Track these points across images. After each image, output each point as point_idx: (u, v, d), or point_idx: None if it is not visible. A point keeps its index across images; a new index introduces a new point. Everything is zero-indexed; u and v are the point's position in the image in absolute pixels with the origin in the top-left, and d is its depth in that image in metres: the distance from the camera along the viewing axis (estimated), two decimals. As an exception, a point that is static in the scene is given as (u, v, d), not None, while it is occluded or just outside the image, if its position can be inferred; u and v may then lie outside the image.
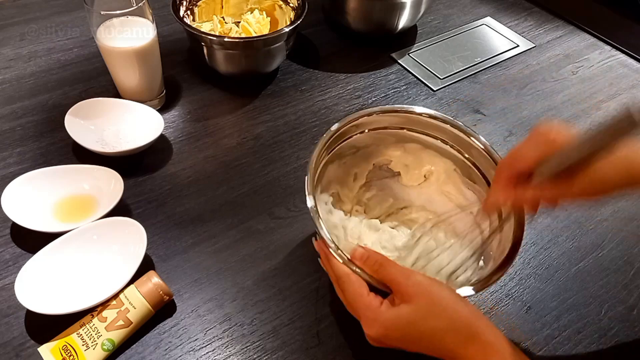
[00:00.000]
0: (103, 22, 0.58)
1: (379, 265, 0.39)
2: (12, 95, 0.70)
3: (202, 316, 0.49)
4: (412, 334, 0.36)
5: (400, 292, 0.37)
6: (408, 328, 0.36)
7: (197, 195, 0.60)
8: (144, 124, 0.62)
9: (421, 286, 0.37)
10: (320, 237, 0.41)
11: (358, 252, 0.40)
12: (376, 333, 0.37)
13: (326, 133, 0.48)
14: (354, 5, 0.78)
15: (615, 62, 0.84)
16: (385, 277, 0.38)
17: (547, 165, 0.38)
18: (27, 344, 0.46)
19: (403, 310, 0.36)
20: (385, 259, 0.39)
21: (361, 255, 0.40)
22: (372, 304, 0.38)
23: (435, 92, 0.76)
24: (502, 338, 0.36)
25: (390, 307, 0.37)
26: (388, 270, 0.38)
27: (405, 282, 0.37)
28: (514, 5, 0.96)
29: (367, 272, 0.39)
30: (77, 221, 0.52)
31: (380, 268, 0.39)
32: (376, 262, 0.39)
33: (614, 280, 0.54)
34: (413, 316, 0.36)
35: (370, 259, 0.39)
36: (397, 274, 0.38)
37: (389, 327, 0.37)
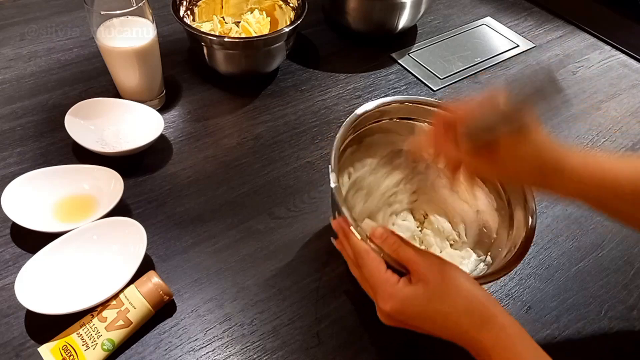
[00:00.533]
0: (103, 22, 0.58)
1: (397, 245, 0.39)
2: (12, 95, 0.70)
3: (202, 316, 0.49)
4: (428, 312, 0.37)
5: (418, 272, 0.38)
6: (424, 306, 0.37)
7: (197, 195, 0.60)
8: (144, 124, 0.62)
9: (438, 267, 0.38)
10: (342, 214, 0.41)
11: (378, 232, 0.41)
12: (391, 308, 0.38)
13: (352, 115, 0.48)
14: (354, 5, 0.78)
15: (615, 62, 0.84)
16: (403, 257, 0.39)
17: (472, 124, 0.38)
18: (27, 344, 0.46)
19: (420, 288, 0.37)
20: (403, 240, 0.40)
21: (381, 234, 0.40)
22: (390, 280, 0.38)
23: (435, 92, 0.76)
24: (516, 324, 0.37)
25: (408, 284, 0.38)
26: (406, 251, 0.39)
27: (422, 263, 0.38)
28: (514, 5, 0.96)
29: (385, 251, 0.40)
30: (77, 221, 0.52)
31: (399, 248, 0.39)
32: (395, 242, 0.40)
33: (614, 280, 0.54)
34: (430, 294, 0.37)
35: (390, 239, 0.40)
36: (415, 255, 0.38)
37: (405, 303, 0.37)
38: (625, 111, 0.75)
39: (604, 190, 0.38)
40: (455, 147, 0.40)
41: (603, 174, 0.38)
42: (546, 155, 0.38)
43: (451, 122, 0.41)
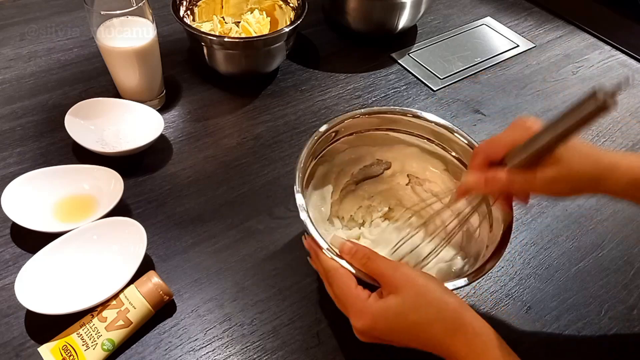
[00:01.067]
0: (103, 22, 0.59)
1: (367, 258, 0.39)
2: (12, 95, 0.70)
3: (202, 316, 0.49)
4: (400, 325, 0.37)
5: (388, 285, 0.38)
6: (396, 319, 0.37)
7: (197, 195, 0.60)
8: (144, 124, 0.62)
9: (408, 278, 0.37)
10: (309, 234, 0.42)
11: (346, 247, 0.41)
12: (363, 325, 0.38)
13: (315, 133, 0.48)
14: (354, 5, 0.78)
15: (615, 62, 0.84)
16: (373, 270, 0.39)
17: (517, 151, 0.38)
18: (27, 344, 0.46)
19: (391, 301, 0.37)
20: (373, 253, 0.40)
21: (349, 249, 0.40)
22: (360, 296, 0.38)
23: (435, 92, 0.76)
24: (489, 329, 0.37)
25: (378, 299, 0.38)
26: (376, 264, 0.39)
27: (392, 274, 0.38)
28: (514, 5, 0.96)
29: (355, 265, 0.39)
30: (77, 221, 0.52)
31: (368, 261, 0.39)
32: (364, 255, 0.39)
33: (614, 280, 0.54)
34: (401, 307, 0.36)
35: (359, 253, 0.40)
36: (385, 267, 0.38)
37: (376, 318, 0.37)
38: (625, 111, 0.75)
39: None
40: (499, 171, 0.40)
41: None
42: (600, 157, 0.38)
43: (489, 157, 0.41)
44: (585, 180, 0.38)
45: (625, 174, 0.38)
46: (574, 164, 0.38)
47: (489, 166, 0.41)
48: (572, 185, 0.39)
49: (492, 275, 0.54)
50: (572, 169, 0.38)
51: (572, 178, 0.38)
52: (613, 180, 0.38)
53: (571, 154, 0.37)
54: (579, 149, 0.38)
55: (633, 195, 0.39)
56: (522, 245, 0.57)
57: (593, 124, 0.34)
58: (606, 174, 0.38)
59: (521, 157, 0.38)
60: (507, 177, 0.39)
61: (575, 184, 0.39)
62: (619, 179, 0.38)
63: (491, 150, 0.41)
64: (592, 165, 0.38)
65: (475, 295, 0.52)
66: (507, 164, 0.40)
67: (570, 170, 0.38)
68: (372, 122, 0.52)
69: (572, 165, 0.38)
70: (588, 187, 0.39)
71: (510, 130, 0.40)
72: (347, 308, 0.39)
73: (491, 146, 0.41)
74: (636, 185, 0.38)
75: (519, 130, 0.39)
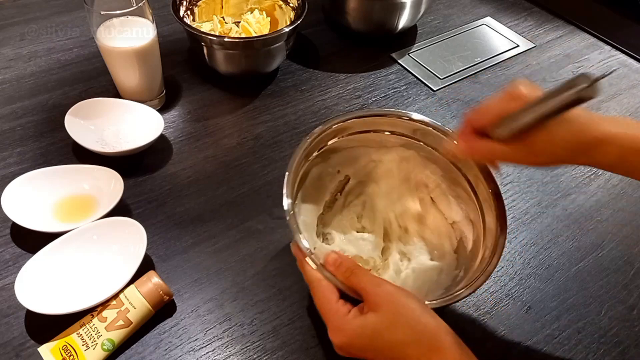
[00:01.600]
0: (103, 22, 0.59)
1: (350, 272, 0.38)
2: (12, 95, 0.70)
3: (202, 316, 0.49)
4: (376, 345, 0.36)
5: (369, 301, 0.37)
6: (371, 338, 0.36)
7: (197, 195, 0.60)
8: (144, 124, 0.62)
9: (389, 295, 0.37)
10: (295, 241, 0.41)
11: (331, 258, 0.40)
12: (340, 341, 0.37)
13: (308, 135, 0.47)
14: (354, 5, 0.78)
15: (615, 62, 0.84)
16: (355, 284, 0.38)
17: (504, 122, 0.39)
18: (27, 344, 0.46)
19: (369, 319, 0.36)
20: (357, 267, 0.39)
21: (334, 261, 0.40)
22: (339, 311, 0.38)
23: (435, 92, 0.76)
24: (467, 354, 0.36)
25: (358, 316, 0.37)
26: (359, 278, 0.38)
27: (373, 291, 0.37)
28: (514, 5, 0.96)
29: (338, 278, 0.39)
30: (77, 221, 0.52)
31: (351, 275, 0.38)
32: (348, 269, 0.39)
33: (614, 280, 0.54)
34: (378, 326, 0.36)
35: (342, 266, 0.39)
36: (367, 283, 0.37)
37: (352, 336, 0.36)
38: (625, 111, 0.75)
39: None
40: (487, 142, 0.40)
41: None
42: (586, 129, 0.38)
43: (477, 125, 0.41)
44: (568, 151, 0.38)
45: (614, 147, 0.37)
46: (558, 137, 0.37)
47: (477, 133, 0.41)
48: (554, 156, 0.39)
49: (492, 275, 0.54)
50: (555, 142, 0.38)
51: (554, 149, 0.38)
52: (600, 153, 0.38)
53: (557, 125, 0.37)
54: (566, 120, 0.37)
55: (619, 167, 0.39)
56: (522, 245, 0.57)
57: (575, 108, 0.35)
58: (593, 147, 0.38)
59: (505, 130, 0.39)
60: (491, 148, 0.40)
61: (557, 155, 0.39)
62: (608, 151, 0.38)
63: (480, 119, 0.41)
64: (577, 137, 0.38)
65: (475, 296, 0.52)
66: (493, 134, 0.40)
67: (553, 143, 0.38)
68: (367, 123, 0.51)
69: (556, 138, 0.37)
70: (572, 159, 0.39)
71: (502, 98, 0.39)
72: (327, 322, 0.38)
73: (480, 115, 0.41)
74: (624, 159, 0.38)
75: (509, 100, 0.39)
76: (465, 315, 0.51)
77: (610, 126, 0.38)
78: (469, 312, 0.51)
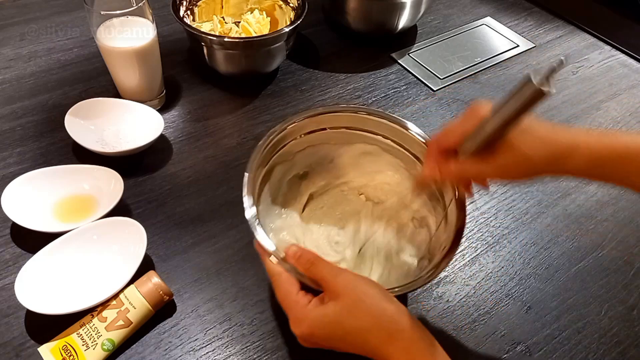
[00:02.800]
0: (103, 22, 0.59)
1: (310, 263, 0.39)
2: (12, 95, 0.70)
3: (202, 316, 0.49)
4: (337, 333, 0.37)
5: (329, 290, 0.37)
6: (333, 327, 0.36)
7: (197, 195, 0.60)
8: (144, 124, 0.62)
9: (348, 284, 0.37)
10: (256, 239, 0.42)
11: (291, 250, 0.41)
12: (302, 332, 0.38)
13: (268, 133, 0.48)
14: (354, 5, 0.78)
15: (615, 62, 0.84)
16: (315, 275, 0.39)
17: (469, 140, 0.39)
18: (27, 344, 0.46)
19: (329, 308, 0.37)
20: (317, 258, 0.40)
21: (294, 253, 0.40)
22: (299, 302, 0.38)
23: (435, 92, 0.76)
24: (428, 336, 0.37)
25: (318, 306, 0.37)
26: (319, 269, 0.39)
27: (333, 280, 0.37)
28: (514, 5, 0.96)
29: (299, 270, 0.39)
30: (77, 221, 0.52)
31: (311, 266, 0.39)
32: (308, 260, 0.39)
33: (614, 280, 0.54)
34: (338, 314, 0.36)
35: (303, 258, 0.40)
36: (326, 272, 0.38)
37: (314, 325, 0.37)
38: (625, 111, 0.75)
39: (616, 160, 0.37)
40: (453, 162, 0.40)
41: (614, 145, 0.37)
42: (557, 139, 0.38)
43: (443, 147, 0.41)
44: (540, 163, 0.38)
45: (584, 153, 0.37)
46: (527, 148, 0.37)
47: (445, 156, 0.41)
48: (526, 169, 0.38)
49: (492, 275, 0.54)
50: (524, 154, 0.37)
51: (525, 162, 0.38)
52: (572, 161, 0.38)
53: (524, 138, 0.37)
54: (533, 132, 0.37)
55: (592, 174, 0.39)
56: (522, 245, 0.57)
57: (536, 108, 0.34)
58: (565, 156, 0.37)
59: (471, 146, 0.39)
60: (460, 167, 0.40)
61: (529, 168, 0.38)
62: (578, 159, 0.37)
63: (444, 142, 0.41)
64: (547, 149, 0.37)
65: (475, 296, 0.53)
66: (460, 154, 0.40)
67: (523, 155, 0.37)
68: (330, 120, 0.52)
69: (525, 149, 0.37)
70: (545, 170, 0.39)
71: (462, 118, 0.40)
72: (288, 314, 0.39)
73: (444, 138, 0.41)
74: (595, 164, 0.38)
75: (470, 119, 0.39)
76: (465, 315, 0.51)
77: (576, 135, 0.38)
78: (469, 312, 0.51)
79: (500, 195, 0.62)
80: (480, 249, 0.57)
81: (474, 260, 0.56)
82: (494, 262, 0.56)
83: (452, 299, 0.52)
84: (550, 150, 0.38)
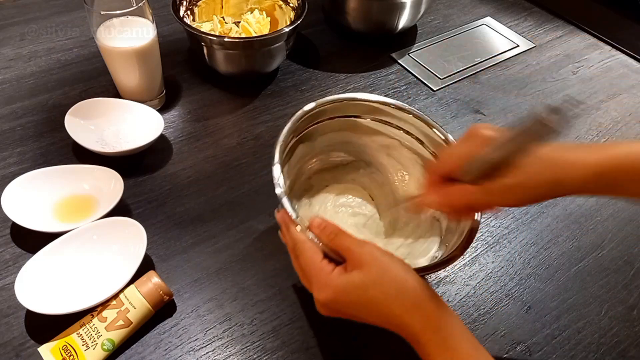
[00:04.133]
0: (103, 22, 0.58)
1: (334, 234, 0.40)
2: (12, 95, 0.70)
3: (202, 316, 0.49)
4: (361, 300, 0.37)
5: (353, 260, 0.38)
6: (357, 293, 0.37)
7: (197, 195, 0.60)
8: (144, 124, 0.62)
9: (373, 254, 0.38)
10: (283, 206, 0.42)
11: (316, 221, 0.41)
12: (326, 297, 0.38)
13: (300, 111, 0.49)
14: (354, 5, 0.78)
15: (615, 62, 0.84)
16: (339, 245, 0.39)
17: (471, 165, 0.38)
18: (27, 344, 0.46)
19: (354, 276, 0.37)
20: (340, 230, 0.40)
21: (319, 224, 0.41)
22: (324, 269, 0.39)
23: (435, 92, 0.76)
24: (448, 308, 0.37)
25: (342, 273, 0.38)
26: (342, 239, 0.39)
27: (358, 250, 0.38)
28: (514, 5, 0.96)
29: (323, 240, 0.40)
30: (77, 221, 0.52)
31: (335, 237, 0.40)
32: (332, 231, 0.40)
33: (614, 280, 0.54)
34: (364, 282, 0.37)
35: (327, 228, 0.41)
36: (351, 243, 0.39)
37: (339, 291, 0.38)
38: (625, 111, 0.75)
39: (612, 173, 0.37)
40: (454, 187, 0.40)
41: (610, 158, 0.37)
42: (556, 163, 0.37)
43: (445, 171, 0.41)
44: (544, 186, 0.37)
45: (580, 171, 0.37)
46: (532, 172, 0.37)
47: (445, 181, 0.41)
48: (532, 193, 0.38)
49: (492, 275, 0.55)
50: (530, 178, 0.37)
51: (531, 186, 0.37)
52: (569, 180, 0.37)
53: (530, 161, 0.37)
54: (537, 155, 0.37)
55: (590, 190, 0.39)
56: (522, 245, 0.57)
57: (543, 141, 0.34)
58: (563, 176, 0.37)
59: (477, 170, 0.38)
60: (463, 190, 0.39)
61: (534, 191, 0.38)
62: (575, 178, 0.37)
63: (445, 166, 0.41)
64: (550, 170, 0.37)
65: (475, 296, 0.53)
66: (462, 178, 0.39)
67: (529, 179, 0.37)
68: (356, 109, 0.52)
69: (531, 173, 0.37)
70: (549, 193, 0.38)
71: (464, 142, 0.39)
72: (311, 280, 0.40)
73: (445, 160, 0.41)
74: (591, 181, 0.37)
75: (473, 142, 0.38)
76: (465, 315, 0.51)
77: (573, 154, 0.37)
78: (469, 312, 0.51)
79: (500, 195, 0.63)
80: (480, 249, 0.57)
81: (474, 260, 0.56)
82: (494, 262, 0.56)
83: (452, 299, 0.52)
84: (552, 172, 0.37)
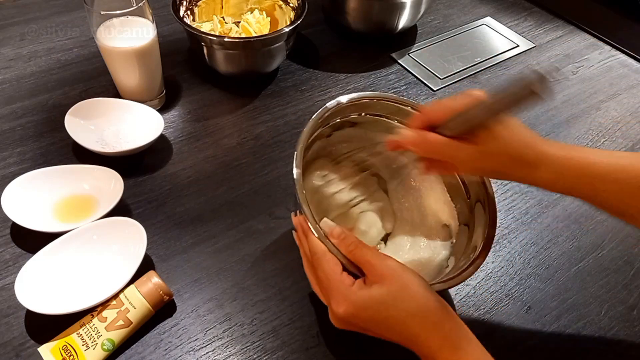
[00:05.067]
0: (103, 22, 0.58)
1: (355, 246, 0.39)
2: (12, 95, 0.70)
3: (202, 316, 0.49)
4: (381, 316, 0.37)
5: (373, 274, 0.38)
6: (377, 308, 0.36)
7: (197, 195, 0.60)
8: (144, 124, 0.62)
9: (394, 270, 0.37)
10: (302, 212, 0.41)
11: (336, 231, 0.40)
12: (345, 311, 0.37)
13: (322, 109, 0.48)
14: (354, 5, 0.78)
15: (615, 62, 0.84)
16: (359, 258, 0.39)
17: (455, 120, 0.39)
18: (27, 344, 0.46)
19: (374, 291, 0.37)
20: (360, 242, 0.40)
21: (339, 234, 0.40)
22: (344, 282, 0.38)
23: (435, 92, 0.76)
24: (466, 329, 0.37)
25: (362, 287, 0.37)
26: (363, 252, 0.39)
27: (379, 264, 0.38)
28: (514, 5, 0.96)
29: (342, 251, 0.39)
30: (77, 221, 0.52)
31: (355, 249, 0.39)
32: (352, 242, 0.39)
33: (614, 280, 0.54)
34: (384, 297, 0.36)
35: (347, 239, 0.40)
36: (372, 256, 0.38)
37: (359, 306, 0.37)
38: (625, 111, 0.75)
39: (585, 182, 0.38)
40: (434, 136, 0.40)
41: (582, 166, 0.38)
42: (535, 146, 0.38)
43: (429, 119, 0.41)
44: (516, 161, 0.38)
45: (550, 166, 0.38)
46: (508, 143, 0.38)
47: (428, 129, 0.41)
48: (502, 163, 0.39)
49: (492, 275, 0.54)
50: (506, 147, 0.38)
51: (504, 156, 0.38)
52: (539, 171, 0.38)
53: (507, 132, 0.38)
54: (515, 131, 0.38)
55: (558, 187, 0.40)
56: (522, 245, 0.57)
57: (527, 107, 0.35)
58: (538, 162, 0.38)
59: (455, 125, 0.39)
60: (438, 140, 0.40)
61: (504, 163, 0.39)
62: (544, 170, 0.38)
63: (432, 114, 0.41)
64: (527, 148, 0.38)
65: (475, 296, 0.53)
66: (442, 131, 0.40)
67: (504, 148, 0.38)
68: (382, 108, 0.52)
69: (507, 143, 0.38)
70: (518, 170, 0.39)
71: (456, 98, 0.40)
72: (330, 292, 0.39)
73: (433, 109, 0.41)
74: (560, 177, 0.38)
75: (463, 100, 0.39)
76: (465, 315, 0.51)
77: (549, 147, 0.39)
78: (469, 312, 0.51)
79: (500, 195, 0.62)
80: (480, 249, 0.57)
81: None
82: (494, 262, 0.56)
83: (452, 299, 0.52)
84: (529, 151, 0.38)
